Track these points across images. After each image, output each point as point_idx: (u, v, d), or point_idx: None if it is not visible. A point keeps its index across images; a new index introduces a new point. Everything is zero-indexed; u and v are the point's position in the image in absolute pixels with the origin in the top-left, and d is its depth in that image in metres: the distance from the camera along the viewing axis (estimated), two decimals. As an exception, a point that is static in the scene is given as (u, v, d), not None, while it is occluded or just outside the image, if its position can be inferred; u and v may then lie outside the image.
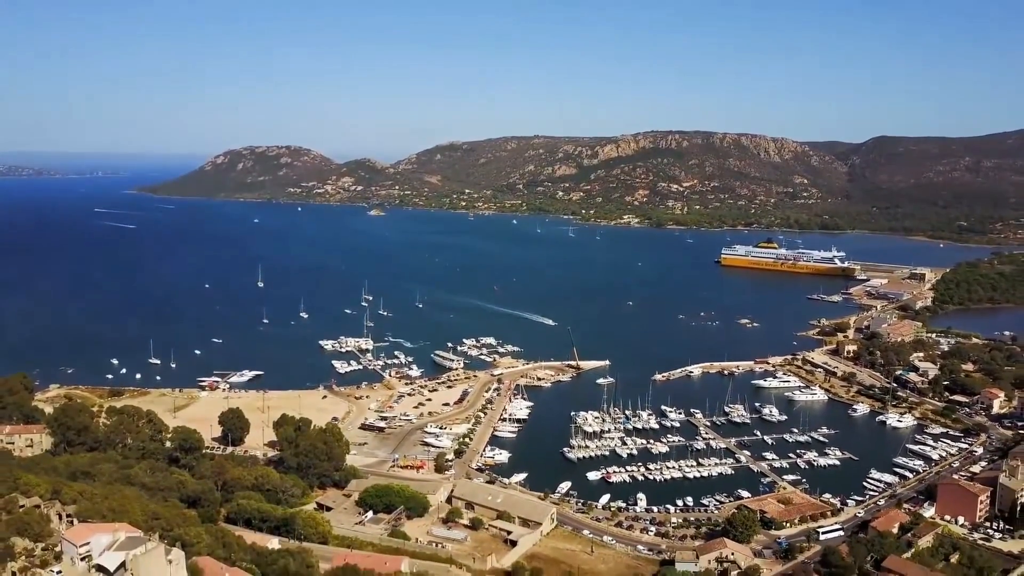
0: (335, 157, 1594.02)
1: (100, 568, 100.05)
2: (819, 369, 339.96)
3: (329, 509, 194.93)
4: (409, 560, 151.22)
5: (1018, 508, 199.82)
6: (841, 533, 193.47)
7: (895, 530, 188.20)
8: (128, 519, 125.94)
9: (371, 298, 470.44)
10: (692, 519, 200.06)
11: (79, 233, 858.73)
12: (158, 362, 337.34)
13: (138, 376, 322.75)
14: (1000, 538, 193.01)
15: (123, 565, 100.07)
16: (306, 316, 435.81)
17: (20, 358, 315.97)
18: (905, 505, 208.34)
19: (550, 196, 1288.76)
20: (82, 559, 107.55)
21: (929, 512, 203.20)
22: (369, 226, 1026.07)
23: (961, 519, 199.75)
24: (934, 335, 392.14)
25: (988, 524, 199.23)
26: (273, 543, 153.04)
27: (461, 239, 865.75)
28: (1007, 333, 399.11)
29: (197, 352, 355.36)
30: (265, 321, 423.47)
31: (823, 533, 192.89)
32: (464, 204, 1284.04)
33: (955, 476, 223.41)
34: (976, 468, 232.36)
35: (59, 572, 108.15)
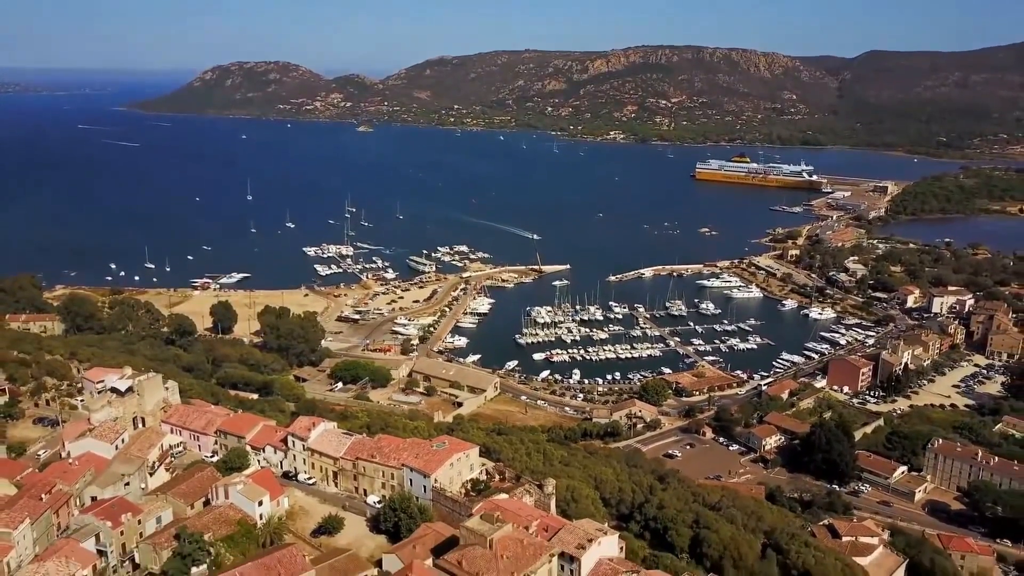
0: (324, 73, 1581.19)
1: (114, 390, 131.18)
2: (761, 271, 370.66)
3: (305, 380, 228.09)
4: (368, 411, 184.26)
5: (894, 379, 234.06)
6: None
7: (785, 396, 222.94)
8: (133, 368, 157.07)
9: (354, 210, 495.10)
10: (616, 389, 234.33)
11: (80, 150, 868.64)
12: (153, 266, 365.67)
13: (136, 278, 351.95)
14: (874, 402, 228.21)
15: (131, 388, 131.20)
16: (292, 226, 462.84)
17: (25, 263, 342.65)
18: (802, 379, 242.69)
19: (539, 112, 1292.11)
20: (99, 392, 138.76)
21: (821, 384, 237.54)
22: (357, 142, 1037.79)
23: (846, 388, 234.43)
24: (875, 241, 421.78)
25: (868, 392, 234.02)
26: (254, 398, 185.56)
27: (446, 155, 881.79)
28: (947, 240, 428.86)
29: (190, 258, 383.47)
30: (253, 230, 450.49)
31: (765, 385, 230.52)
32: (453, 120, 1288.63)
33: (851, 356, 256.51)
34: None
35: (82, 400, 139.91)
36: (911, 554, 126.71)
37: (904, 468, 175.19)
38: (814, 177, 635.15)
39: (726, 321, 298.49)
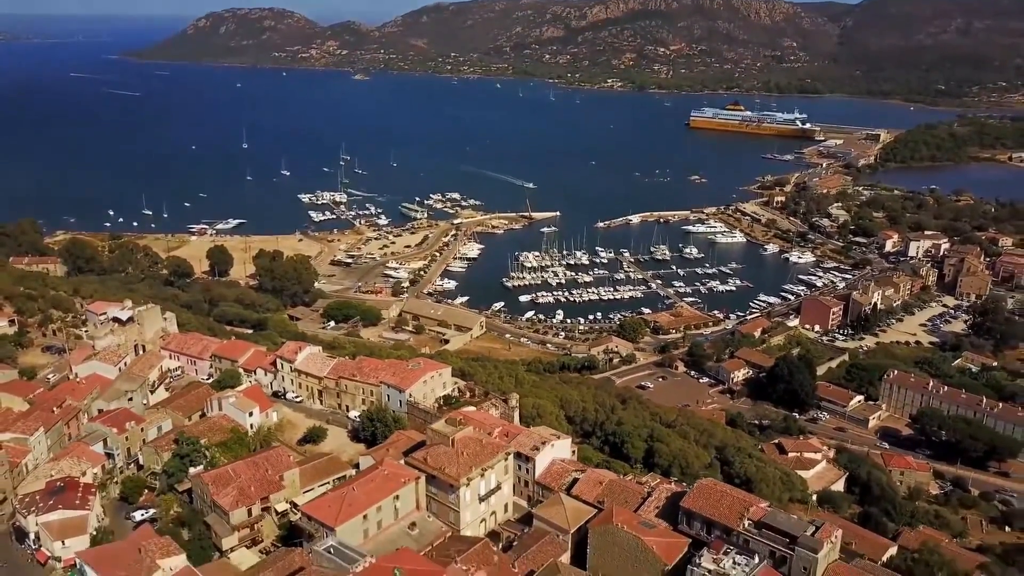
0: (319, 20, 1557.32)
1: (115, 320, 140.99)
2: (747, 217, 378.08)
3: (298, 319, 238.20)
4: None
5: (863, 318, 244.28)
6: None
7: (757, 333, 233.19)
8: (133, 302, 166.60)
9: (348, 158, 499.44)
10: (596, 327, 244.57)
11: (76, 99, 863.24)
12: (151, 213, 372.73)
13: (134, 224, 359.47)
14: (843, 340, 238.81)
15: (132, 318, 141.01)
16: (287, 173, 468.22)
17: (26, 210, 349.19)
18: (776, 318, 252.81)
19: (536, 59, 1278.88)
20: (102, 322, 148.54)
21: (793, 322, 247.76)
22: (353, 91, 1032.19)
23: (817, 326, 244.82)
24: (859, 188, 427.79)
25: (838, 330, 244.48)
26: (248, 334, 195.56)
27: (442, 103, 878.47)
28: (931, 187, 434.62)
29: (186, 204, 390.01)
30: (249, 178, 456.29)
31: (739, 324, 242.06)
32: (449, 68, 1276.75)
33: (823, 296, 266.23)
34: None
35: (86, 330, 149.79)
36: (851, 469, 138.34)
37: (861, 397, 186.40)
38: (807, 125, 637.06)
39: (708, 265, 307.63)
